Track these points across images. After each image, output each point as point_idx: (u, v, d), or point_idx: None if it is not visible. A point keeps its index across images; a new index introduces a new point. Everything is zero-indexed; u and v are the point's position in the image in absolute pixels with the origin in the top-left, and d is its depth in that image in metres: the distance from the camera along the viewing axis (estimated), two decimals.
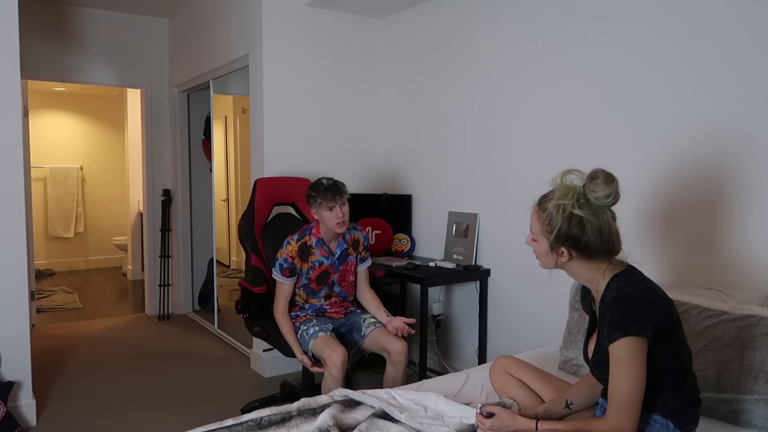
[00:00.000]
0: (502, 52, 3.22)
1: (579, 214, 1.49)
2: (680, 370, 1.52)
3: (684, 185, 2.40)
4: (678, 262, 2.43)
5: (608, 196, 1.48)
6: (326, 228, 2.74)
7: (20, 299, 3.02)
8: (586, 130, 2.79)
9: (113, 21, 5.01)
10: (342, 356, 2.52)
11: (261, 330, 2.99)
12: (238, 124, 6.56)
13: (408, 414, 1.83)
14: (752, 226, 2.20)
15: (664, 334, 1.46)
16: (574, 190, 1.50)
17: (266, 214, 3.25)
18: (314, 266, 2.79)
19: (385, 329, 2.73)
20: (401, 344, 2.63)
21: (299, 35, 3.79)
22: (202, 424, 1.78)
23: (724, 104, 2.26)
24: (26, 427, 3.02)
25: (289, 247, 2.77)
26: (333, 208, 2.66)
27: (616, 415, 1.44)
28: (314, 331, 2.69)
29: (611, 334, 1.44)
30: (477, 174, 3.42)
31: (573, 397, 1.75)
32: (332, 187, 2.67)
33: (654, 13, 2.48)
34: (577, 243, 1.50)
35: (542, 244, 1.57)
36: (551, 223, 1.52)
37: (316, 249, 2.79)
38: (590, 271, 1.56)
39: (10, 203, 2.98)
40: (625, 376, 1.42)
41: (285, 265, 2.76)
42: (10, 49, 2.94)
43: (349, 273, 2.88)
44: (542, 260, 1.61)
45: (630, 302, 1.44)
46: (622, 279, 1.51)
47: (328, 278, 2.83)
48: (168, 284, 5.27)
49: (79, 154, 7.80)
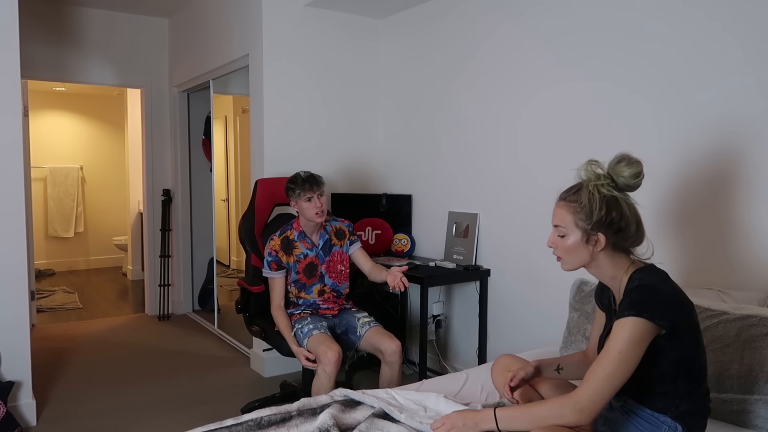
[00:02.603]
0: (503, 52, 3.22)
1: (616, 195, 1.49)
2: (698, 376, 1.50)
3: (685, 185, 2.40)
4: (678, 262, 2.43)
5: (635, 176, 1.48)
6: (306, 220, 2.82)
7: (20, 299, 3.02)
8: (587, 129, 2.79)
9: (113, 21, 5.01)
10: (337, 354, 2.54)
11: (260, 330, 3.01)
12: (238, 124, 6.56)
13: (408, 414, 1.83)
14: (752, 225, 2.20)
15: (683, 331, 1.44)
16: (603, 176, 1.51)
17: (267, 214, 3.27)
18: (299, 259, 2.85)
19: (379, 329, 2.75)
20: (394, 344, 2.64)
21: (299, 35, 3.79)
22: (202, 424, 1.78)
23: (726, 103, 2.26)
24: (26, 427, 3.02)
25: (272, 242, 2.86)
26: (311, 199, 2.75)
27: (585, 391, 1.41)
28: (309, 329, 2.71)
29: (623, 312, 1.42)
30: (477, 174, 3.42)
31: (565, 364, 1.77)
32: (309, 179, 2.77)
33: (658, 14, 2.48)
34: (615, 226, 1.49)
35: (574, 236, 1.52)
36: (590, 207, 1.49)
37: (298, 242, 2.86)
38: (615, 267, 1.54)
39: (10, 203, 2.98)
40: (619, 351, 1.39)
41: (270, 259, 2.84)
42: (10, 49, 2.94)
43: (337, 263, 2.92)
44: (571, 257, 1.55)
45: (651, 290, 1.44)
46: (645, 272, 1.50)
47: (316, 270, 2.88)
48: (168, 284, 5.27)
49: (79, 154, 7.80)
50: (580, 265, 1.56)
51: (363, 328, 2.78)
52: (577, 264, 1.56)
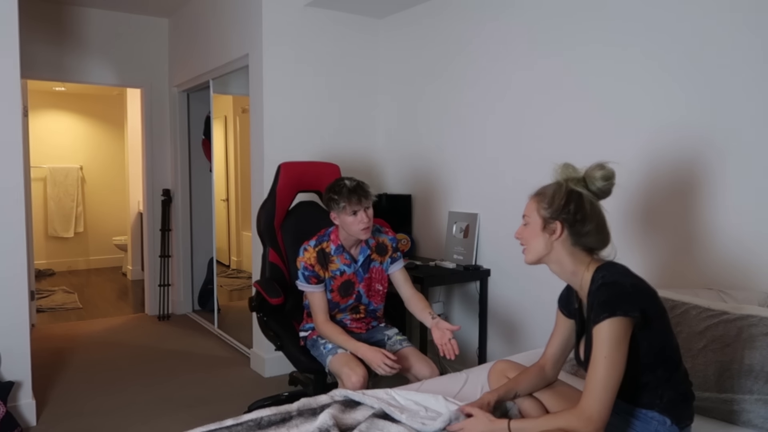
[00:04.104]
0: (503, 52, 3.22)
1: (578, 190, 1.54)
2: (672, 359, 1.53)
3: (685, 185, 2.40)
4: (678, 262, 2.43)
5: (605, 178, 1.53)
6: (347, 234, 2.47)
7: (20, 299, 3.02)
8: (585, 130, 2.79)
9: (113, 21, 5.01)
10: (362, 378, 2.27)
11: (275, 336, 2.77)
12: (238, 124, 6.56)
13: (408, 414, 1.83)
14: (752, 225, 2.20)
15: (652, 318, 1.48)
16: (574, 176, 1.56)
17: (288, 203, 2.99)
18: (335, 276, 2.51)
19: (412, 350, 2.49)
20: (434, 372, 2.38)
21: (299, 35, 3.79)
22: (202, 424, 1.78)
23: (717, 103, 2.26)
24: (26, 427, 3.02)
25: (307, 254, 2.50)
26: (357, 213, 2.38)
27: (587, 400, 1.43)
28: (333, 346, 2.44)
29: (597, 316, 1.44)
30: (477, 174, 3.42)
31: (521, 387, 1.79)
32: (357, 189, 2.39)
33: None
34: (571, 218, 1.53)
35: (534, 225, 1.59)
36: (551, 197, 1.56)
37: (335, 257, 2.51)
38: (575, 262, 1.57)
39: (10, 203, 2.98)
40: (605, 356, 1.41)
41: (307, 273, 2.48)
42: (10, 49, 2.94)
43: (376, 281, 2.60)
44: (530, 244, 1.61)
45: (616, 286, 1.46)
46: (606, 270, 1.53)
47: (353, 289, 2.55)
48: (168, 284, 5.27)
49: (79, 154, 7.80)
50: (539, 255, 1.60)
51: (394, 346, 2.52)
52: (536, 252, 1.60)
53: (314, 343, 2.58)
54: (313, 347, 2.58)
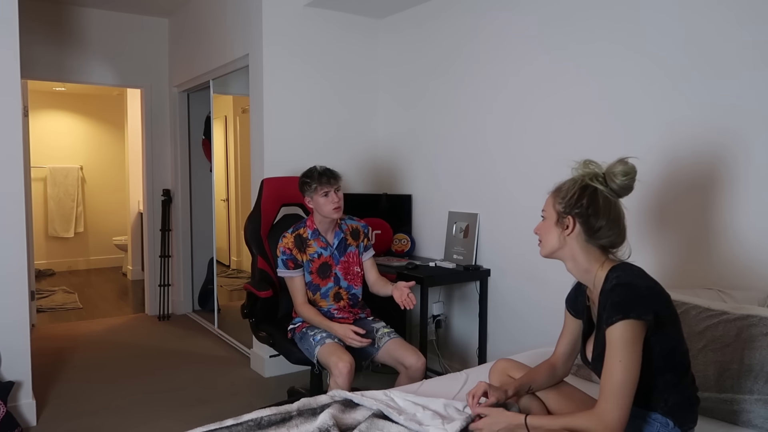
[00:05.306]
0: (503, 53, 3.22)
1: (594, 186, 1.54)
2: (682, 364, 1.52)
3: (683, 184, 2.40)
4: (678, 262, 2.43)
5: (625, 173, 1.51)
6: (321, 216, 2.69)
7: (20, 299, 3.02)
8: (585, 130, 2.79)
9: (113, 21, 5.01)
10: (349, 364, 2.40)
11: (267, 336, 2.90)
12: (238, 124, 6.56)
13: (407, 416, 1.83)
14: (753, 225, 2.20)
15: (664, 322, 1.47)
16: (594, 172, 1.56)
17: (273, 215, 3.19)
18: (313, 258, 2.73)
19: (400, 341, 2.62)
20: (419, 360, 2.51)
21: (299, 35, 3.79)
22: (202, 424, 1.78)
23: (718, 103, 2.26)
24: (26, 427, 3.02)
25: (285, 240, 2.73)
26: (328, 194, 2.63)
27: (604, 405, 1.42)
28: (321, 336, 2.58)
29: (610, 317, 1.43)
30: (477, 174, 3.42)
31: (535, 382, 1.79)
32: (326, 172, 2.66)
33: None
34: (583, 214, 1.52)
35: (549, 219, 1.59)
36: (566, 192, 1.56)
37: (312, 240, 2.73)
38: (589, 260, 1.56)
39: (10, 203, 2.98)
40: (619, 360, 1.41)
41: (285, 257, 2.71)
42: (10, 49, 2.94)
43: (353, 264, 2.80)
44: (545, 239, 1.61)
45: (631, 287, 1.45)
46: (620, 270, 1.52)
47: (330, 271, 2.75)
48: (168, 284, 5.27)
49: (79, 154, 7.80)
50: (552, 249, 1.60)
51: (382, 339, 2.64)
52: (550, 247, 1.60)
53: (303, 335, 2.69)
54: (302, 340, 2.69)
